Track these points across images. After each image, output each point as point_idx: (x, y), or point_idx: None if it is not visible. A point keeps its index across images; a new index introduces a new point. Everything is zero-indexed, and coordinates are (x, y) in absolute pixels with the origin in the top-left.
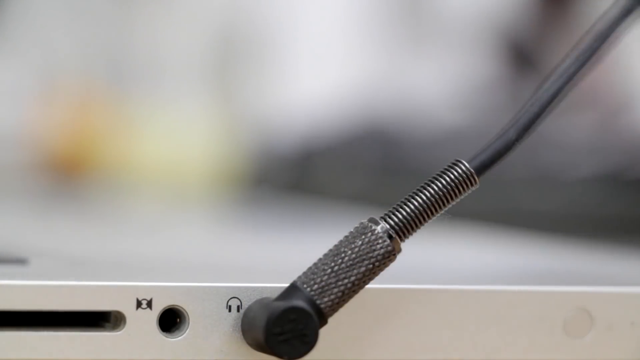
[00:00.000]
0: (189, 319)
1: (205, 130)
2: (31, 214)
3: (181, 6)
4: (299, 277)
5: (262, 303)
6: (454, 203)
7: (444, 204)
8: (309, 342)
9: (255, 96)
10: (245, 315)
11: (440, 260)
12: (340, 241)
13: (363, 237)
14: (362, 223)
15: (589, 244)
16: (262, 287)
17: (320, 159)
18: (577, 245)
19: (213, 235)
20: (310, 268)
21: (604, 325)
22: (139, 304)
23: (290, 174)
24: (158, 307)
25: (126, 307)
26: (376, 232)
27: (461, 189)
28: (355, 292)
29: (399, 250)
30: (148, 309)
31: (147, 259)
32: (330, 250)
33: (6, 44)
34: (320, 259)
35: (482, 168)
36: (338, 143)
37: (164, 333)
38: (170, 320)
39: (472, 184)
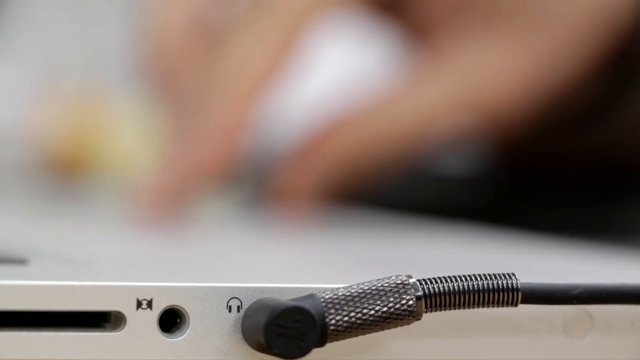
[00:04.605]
0: (189, 319)
1: None
2: (31, 213)
3: None
4: (320, 291)
5: (264, 302)
6: (485, 306)
7: (477, 301)
8: (303, 348)
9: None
10: (246, 312)
11: (436, 258)
12: (372, 280)
13: (394, 285)
14: (398, 276)
15: (587, 243)
16: (262, 287)
17: None
18: (575, 244)
19: (214, 235)
20: (335, 289)
21: (604, 325)
22: (139, 304)
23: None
24: (158, 308)
25: (126, 308)
26: (409, 288)
27: (499, 297)
28: (362, 329)
29: (419, 316)
30: (148, 309)
31: (147, 259)
32: (361, 283)
33: (6, 44)
34: (348, 286)
35: (529, 295)
36: None
37: (164, 333)
38: (171, 320)
39: (511, 302)
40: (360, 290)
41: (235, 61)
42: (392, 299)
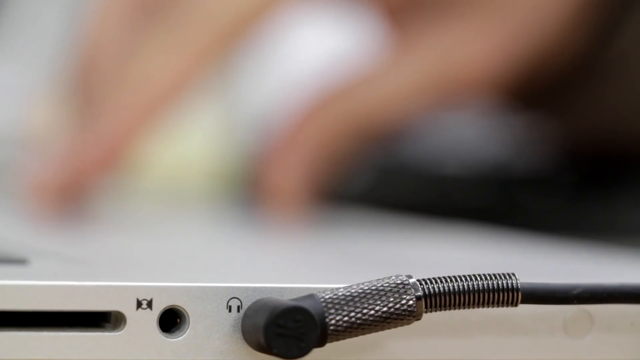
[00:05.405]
0: (189, 319)
1: (205, 130)
2: (31, 213)
3: None
4: (320, 291)
5: (264, 302)
6: (485, 306)
7: (477, 301)
8: (303, 348)
9: (254, 95)
10: (246, 312)
11: (436, 258)
12: (372, 280)
13: (394, 285)
14: (398, 276)
15: (585, 243)
16: (262, 287)
17: None
18: (573, 243)
19: (213, 235)
20: (335, 289)
21: (604, 325)
22: (139, 304)
23: None
24: (158, 308)
25: (126, 308)
26: (409, 288)
27: (499, 297)
28: (362, 329)
29: (419, 316)
30: (148, 309)
31: (147, 259)
32: (361, 283)
33: (6, 44)
34: (348, 286)
35: (529, 295)
36: None
37: (164, 333)
38: (171, 320)
39: (511, 302)
40: (360, 290)
41: (141, 72)
42: (392, 299)
